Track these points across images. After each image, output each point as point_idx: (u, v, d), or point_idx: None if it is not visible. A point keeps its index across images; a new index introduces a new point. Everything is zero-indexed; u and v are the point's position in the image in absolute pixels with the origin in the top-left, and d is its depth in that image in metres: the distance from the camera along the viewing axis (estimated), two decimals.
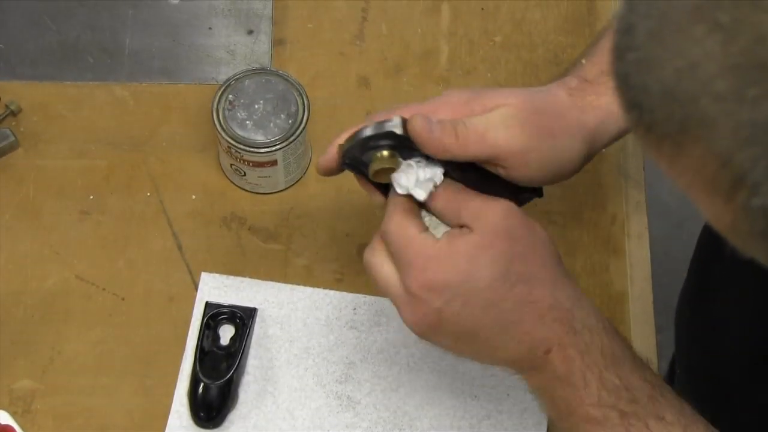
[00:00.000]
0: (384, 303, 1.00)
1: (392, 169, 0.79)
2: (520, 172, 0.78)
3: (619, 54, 0.55)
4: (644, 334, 1.01)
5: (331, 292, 1.00)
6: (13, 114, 1.05)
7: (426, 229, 0.77)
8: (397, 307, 0.77)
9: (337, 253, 1.02)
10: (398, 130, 0.78)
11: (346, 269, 1.01)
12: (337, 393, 0.97)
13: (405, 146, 0.78)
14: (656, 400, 0.75)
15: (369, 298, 1.00)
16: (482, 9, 1.11)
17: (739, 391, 0.94)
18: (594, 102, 0.81)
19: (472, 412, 0.97)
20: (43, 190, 1.04)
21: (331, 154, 0.81)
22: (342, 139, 0.81)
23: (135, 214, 1.03)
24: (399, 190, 0.78)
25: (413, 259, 0.75)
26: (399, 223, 0.76)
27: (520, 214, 0.77)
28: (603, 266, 1.02)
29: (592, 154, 0.82)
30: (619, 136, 0.83)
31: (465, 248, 0.74)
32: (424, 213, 0.80)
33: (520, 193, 0.81)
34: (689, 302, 1.03)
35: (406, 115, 0.78)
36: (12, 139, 1.04)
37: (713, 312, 0.98)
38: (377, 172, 0.79)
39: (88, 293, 1.00)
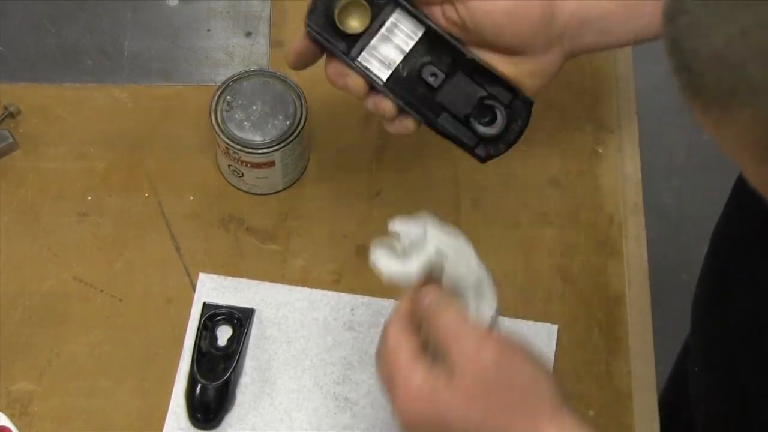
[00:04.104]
0: (382, 304, 1.00)
1: (362, 7, 0.80)
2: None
3: (671, 17, 0.56)
4: (641, 336, 1.01)
5: (329, 293, 1.00)
6: (13, 116, 1.05)
7: (418, 351, 0.76)
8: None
9: (335, 254, 1.02)
10: None
11: (344, 270, 1.01)
12: (334, 394, 0.97)
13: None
14: None
15: (367, 299, 1.00)
16: None
17: (757, 386, 0.93)
18: None
19: None
20: (41, 191, 1.04)
21: (297, 40, 0.83)
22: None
23: (133, 215, 1.03)
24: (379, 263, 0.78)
25: (400, 393, 0.76)
26: (394, 343, 0.77)
27: (500, 351, 0.75)
28: (600, 268, 1.03)
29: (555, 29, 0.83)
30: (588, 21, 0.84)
31: (441, 398, 0.75)
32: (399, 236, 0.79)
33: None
34: (705, 303, 1.03)
35: None
36: (11, 140, 1.04)
37: (731, 312, 0.97)
38: (346, 7, 0.80)
39: (86, 295, 1.00)
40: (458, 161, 1.06)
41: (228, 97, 1.00)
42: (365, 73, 0.82)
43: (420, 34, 0.83)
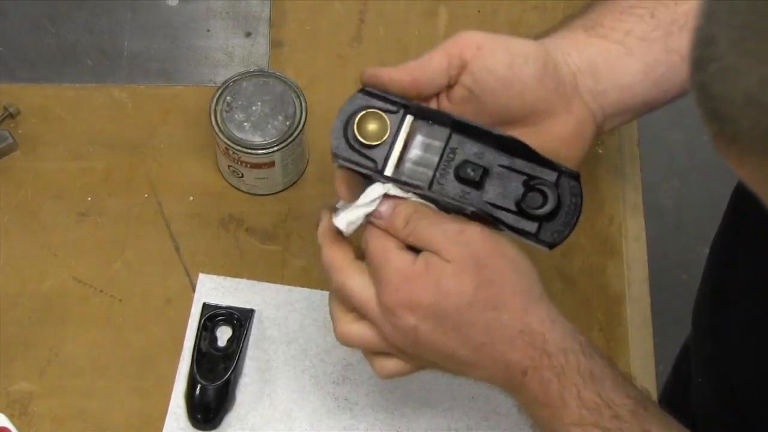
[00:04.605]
0: None
1: (381, 120, 0.77)
2: (483, 64, 0.79)
3: (700, 65, 0.54)
4: (642, 336, 1.01)
5: (329, 294, 1.00)
6: (12, 116, 1.05)
7: (403, 246, 0.77)
8: (377, 326, 0.78)
9: None
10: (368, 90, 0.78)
11: None
12: (334, 394, 0.97)
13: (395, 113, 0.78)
14: (640, 416, 0.75)
15: None
16: (479, 11, 1.12)
17: (759, 395, 0.93)
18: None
19: (470, 413, 0.97)
20: (41, 192, 1.04)
21: (337, 175, 0.80)
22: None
23: (133, 215, 1.03)
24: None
25: (391, 277, 0.76)
26: (378, 239, 0.77)
27: (492, 239, 0.77)
28: (600, 268, 1.02)
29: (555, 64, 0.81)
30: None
31: (436, 272, 0.75)
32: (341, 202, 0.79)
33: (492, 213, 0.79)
34: (706, 311, 1.03)
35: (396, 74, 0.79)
36: (10, 141, 1.04)
37: (732, 320, 0.97)
38: (362, 118, 0.77)
39: (85, 295, 1.00)
40: None
41: (228, 97, 1.00)
42: (405, 185, 0.78)
43: (446, 132, 0.78)
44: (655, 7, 0.82)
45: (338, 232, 0.79)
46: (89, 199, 1.04)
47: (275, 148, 0.99)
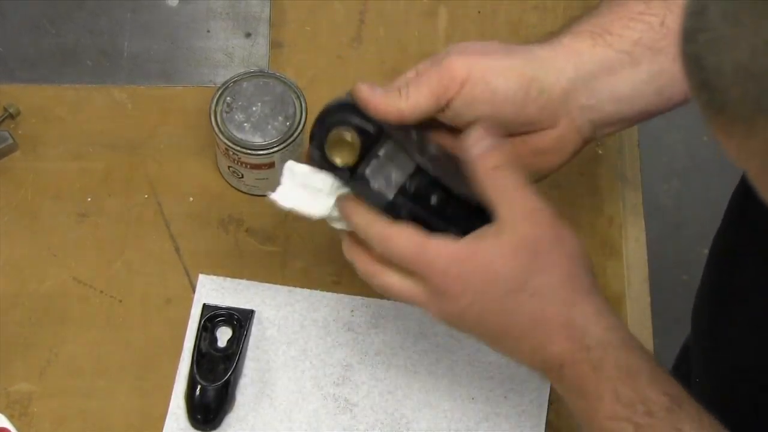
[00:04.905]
0: (382, 305, 1.00)
1: (352, 148, 0.78)
2: (469, 93, 0.79)
3: (690, 36, 0.55)
4: (642, 337, 1.00)
5: (329, 294, 1.00)
6: (12, 117, 1.05)
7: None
8: (427, 310, 0.78)
9: (335, 255, 1.02)
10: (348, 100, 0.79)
11: (344, 271, 1.01)
12: (334, 395, 0.97)
13: (370, 135, 0.78)
14: (674, 413, 0.75)
15: (366, 300, 1.00)
16: (479, 12, 1.12)
17: (758, 396, 0.93)
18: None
19: (470, 414, 0.97)
20: (41, 192, 1.04)
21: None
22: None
23: (133, 216, 1.03)
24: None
25: (435, 261, 0.75)
26: (401, 234, 0.77)
27: (552, 221, 0.76)
28: (600, 268, 1.02)
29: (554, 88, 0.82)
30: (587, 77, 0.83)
31: (489, 253, 0.75)
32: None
33: (472, 221, 0.78)
34: (705, 313, 1.03)
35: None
36: (10, 141, 1.04)
37: (731, 322, 0.97)
38: (335, 143, 0.78)
39: (85, 295, 1.00)
40: None
41: (228, 98, 1.00)
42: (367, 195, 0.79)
43: (411, 169, 0.79)
44: (665, 15, 0.82)
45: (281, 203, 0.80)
46: (89, 199, 1.04)
47: (275, 149, 0.99)
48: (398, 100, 0.79)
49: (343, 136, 0.79)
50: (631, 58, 0.82)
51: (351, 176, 0.79)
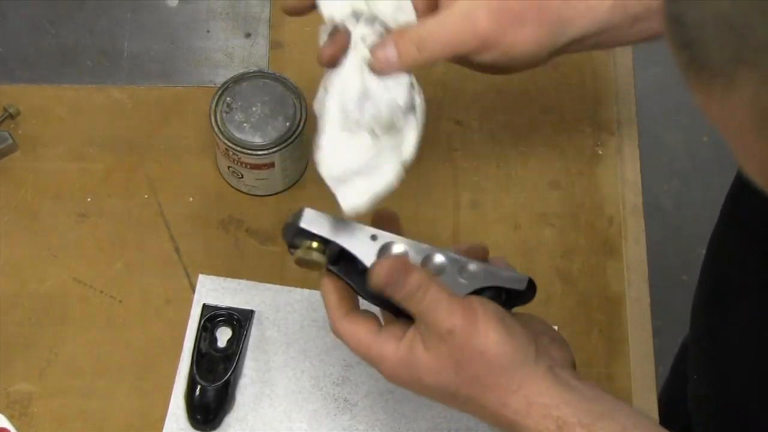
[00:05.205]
0: None
1: (319, 266, 0.79)
2: (483, 56, 0.82)
3: None
4: (641, 337, 1.01)
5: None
6: (12, 117, 1.05)
7: (375, 327, 0.80)
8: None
9: None
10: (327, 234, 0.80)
11: None
12: (334, 395, 0.97)
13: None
14: None
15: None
16: None
17: (755, 393, 0.93)
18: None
19: (470, 414, 0.96)
20: (41, 192, 1.04)
21: None
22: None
23: (133, 216, 1.03)
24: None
25: (378, 364, 0.80)
26: (349, 335, 0.80)
27: (473, 336, 0.77)
28: (600, 269, 1.03)
29: (557, 46, 0.83)
30: (590, 35, 0.84)
31: (417, 367, 0.78)
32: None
33: None
34: (703, 311, 1.03)
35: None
36: (10, 141, 1.04)
37: (729, 320, 0.97)
38: (300, 260, 0.79)
39: (85, 296, 1.00)
40: (458, 162, 1.06)
41: (228, 98, 1.00)
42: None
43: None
44: None
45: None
46: (89, 199, 1.04)
47: (275, 149, 0.99)
48: (415, 54, 0.81)
49: (309, 245, 0.80)
50: None
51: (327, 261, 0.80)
